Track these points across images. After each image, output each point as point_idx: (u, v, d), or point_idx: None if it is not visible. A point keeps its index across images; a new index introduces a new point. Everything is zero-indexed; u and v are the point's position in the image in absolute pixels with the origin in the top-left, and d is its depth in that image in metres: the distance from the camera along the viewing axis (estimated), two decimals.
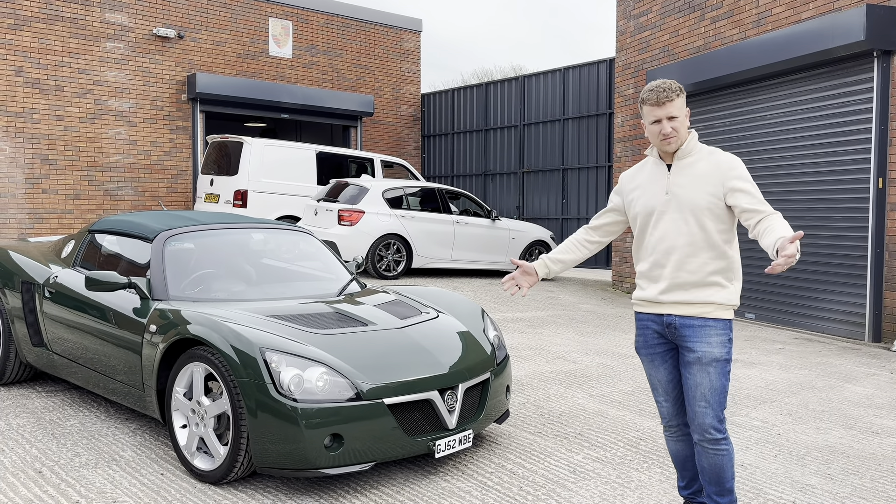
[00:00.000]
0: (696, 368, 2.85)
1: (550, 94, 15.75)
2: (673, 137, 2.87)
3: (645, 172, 3.04)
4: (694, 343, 2.85)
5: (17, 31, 12.75)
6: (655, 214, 2.93)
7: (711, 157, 2.90)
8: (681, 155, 2.92)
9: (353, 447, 3.46)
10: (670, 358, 2.98)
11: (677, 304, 2.90)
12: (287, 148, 13.06)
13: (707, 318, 2.85)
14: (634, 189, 3.03)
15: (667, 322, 2.92)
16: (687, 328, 2.87)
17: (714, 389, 2.83)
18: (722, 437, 2.87)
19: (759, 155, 9.48)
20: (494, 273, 12.90)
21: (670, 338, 2.94)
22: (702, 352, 2.83)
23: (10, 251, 5.33)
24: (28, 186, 12.92)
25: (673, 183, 2.92)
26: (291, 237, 5.22)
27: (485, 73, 39.34)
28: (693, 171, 2.89)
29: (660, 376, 3.02)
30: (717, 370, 2.83)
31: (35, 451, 3.95)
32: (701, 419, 2.86)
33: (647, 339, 3.02)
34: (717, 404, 2.84)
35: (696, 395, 2.85)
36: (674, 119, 2.86)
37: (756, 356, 7.10)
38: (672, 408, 3.03)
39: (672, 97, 2.85)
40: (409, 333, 4.03)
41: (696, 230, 2.86)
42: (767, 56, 8.94)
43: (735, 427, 4.75)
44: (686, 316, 2.88)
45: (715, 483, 2.93)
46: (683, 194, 2.88)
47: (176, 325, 3.81)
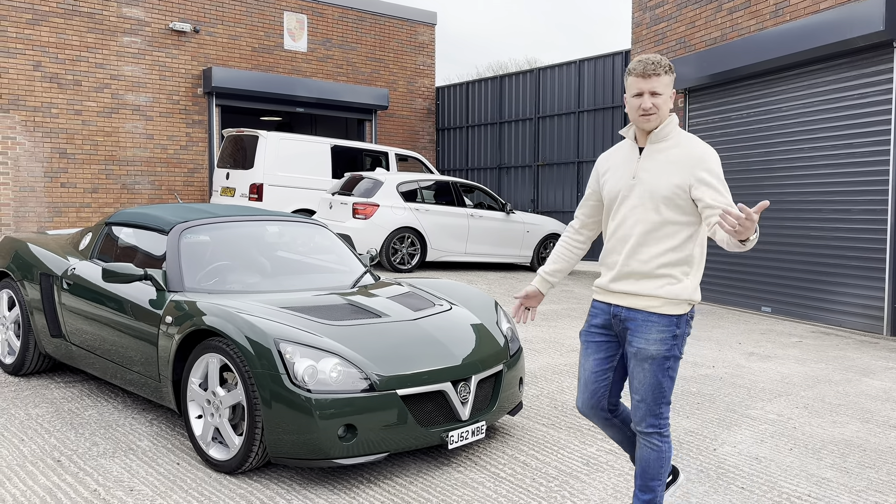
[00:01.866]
0: (633, 362, 2.77)
1: (565, 86, 15.68)
2: (652, 114, 2.70)
3: (619, 154, 2.89)
4: (633, 337, 2.76)
5: (36, 25, 12.87)
6: (619, 198, 2.80)
7: (685, 145, 2.74)
8: (655, 138, 2.76)
9: (367, 438, 3.47)
10: (603, 350, 2.88)
11: (624, 295, 2.78)
12: (302, 142, 13.10)
13: (651, 313, 2.72)
14: (607, 171, 2.90)
15: (613, 313, 2.82)
16: (630, 321, 2.77)
17: (647, 386, 2.73)
18: (654, 431, 2.78)
19: (776, 147, 9.39)
20: (509, 266, 12.89)
21: (616, 329, 2.83)
22: (637, 347, 2.74)
23: (29, 243, 5.40)
24: (47, 180, 13.06)
25: (641, 167, 2.77)
26: (306, 230, 5.24)
27: (499, 66, 39.23)
28: (663, 157, 2.73)
29: (587, 364, 2.92)
30: (653, 368, 2.71)
31: (54, 441, 4.00)
32: (634, 411, 2.81)
33: (589, 327, 2.92)
34: (652, 400, 2.75)
35: (632, 387, 2.80)
36: (657, 95, 2.70)
37: (772, 350, 7.05)
38: (588, 400, 2.92)
39: (659, 71, 2.69)
40: (423, 325, 4.04)
41: (654, 218, 2.71)
42: (785, 47, 8.85)
43: (750, 420, 4.73)
44: (632, 308, 2.76)
45: (640, 476, 2.86)
46: (648, 180, 2.73)
47: (191, 316, 3.84)
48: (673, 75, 2.74)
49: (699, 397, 5.26)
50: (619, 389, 2.95)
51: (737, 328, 8.26)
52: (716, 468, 3.90)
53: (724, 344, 7.27)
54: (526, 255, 12.42)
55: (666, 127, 2.75)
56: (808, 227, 8.96)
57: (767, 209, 9.50)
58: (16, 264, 5.26)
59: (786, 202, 9.26)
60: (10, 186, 12.61)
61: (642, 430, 2.80)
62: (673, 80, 2.75)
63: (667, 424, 2.80)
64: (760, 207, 2.36)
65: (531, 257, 12.47)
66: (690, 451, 4.16)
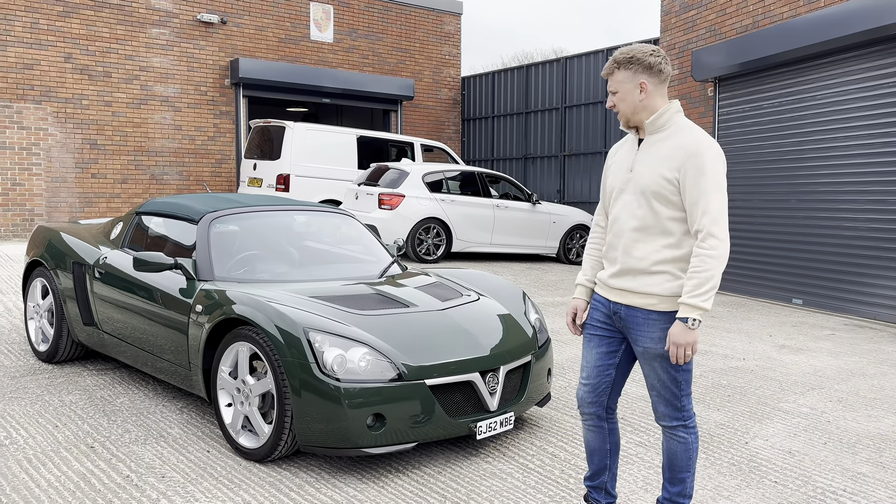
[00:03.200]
0: (642, 360, 2.73)
1: (593, 75, 15.53)
2: (618, 112, 2.71)
3: (624, 146, 2.83)
4: (637, 336, 2.70)
5: (67, 18, 13.02)
6: (615, 192, 2.75)
7: (680, 135, 2.62)
8: (650, 129, 2.68)
9: (395, 427, 3.47)
10: (605, 345, 2.81)
11: (622, 292, 2.71)
12: (328, 132, 13.13)
13: (651, 311, 2.64)
14: (612, 164, 2.85)
15: (613, 310, 2.76)
16: (631, 320, 2.70)
17: (662, 381, 2.69)
18: (678, 423, 2.73)
19: (810, 136, 9.22)
20: (535, 258, 12.83)
21: (618, 325, 2.77)
22: (643, 347, 2.68)
23: (61, 233, 5.47)
24: (78, 171, 13.24)
25: (637, 160, 2.70)
26: (334, 219, 5.25)
27: (525, 55, 39.00)
28: (657, 149, 2.65)
29: (589, 357, 2.85)
30: (665, 365, 2.66)
31: (87, 427, 4.06)
32: (654, 405, 2.77)
33: (591, 320, 2.85)
34: (671, 395, 2.70)
35: (648, 385, 2.75)
36: (614, 94, 2.69)
37: (804, 342, 6.94)
38: (588, 395, 2.85)
39: (612, 69, 2.68)
40: (451, 315, 4.02)
41: (647, 214, 2.63)
42: (820, 34, 8.66)
43: (783, 414, 4.65)
44: (630, 306, 2.70)
45: (668, 469, 2.81)
46: (641, 173, 2.66)
47: (221, 305, 3.87)
48: (632, 67, 2.64)
49: (730, 390, 5.19)
50: (619, 392, 2.88)
51: (767, 320, 8.15)
52: (748, 462, 3.85)
53: (754, 336, 7.17)
54: (552, 245, 12.36)
55: (661, 117, 2.66)
56: (841, 218, 8.79)
57: (799, 199, 9.33)
58: (49, 253, 5.33)
59: (819, 192, 9.09)
60: (42, 177, 12.81)
61: (667, 425, 2.76)
62: (635, 73, 2.64)
63: (691, 415, 2.75)
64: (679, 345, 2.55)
65: (557, 248, 12.40)
66: (721, 444, 4.10)
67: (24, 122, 12.65)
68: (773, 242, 9.77)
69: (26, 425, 4.05)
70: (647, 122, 2.67)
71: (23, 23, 12.62)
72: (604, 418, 2.88)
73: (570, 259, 12.46)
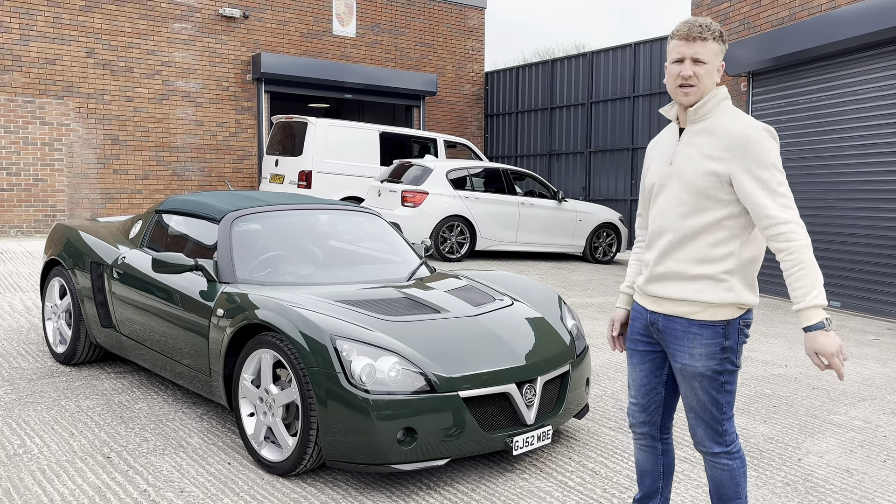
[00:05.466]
0: (680, 379, 2.44)
1: (620, 70, 15.21)
2: (692, 86, 2.33)
3: (664, 138, 2.55)
4: (675, 351, 2.41)
5: (89, 12, 12.94)
6: (656, 188, 2.47)
7: (726, 124, 2.33)
8: (694, 116, 2.38)
9: (427, 442, 3.26)
10: (650, 360, 2.54)
11: (659, 300, 2.44)
12: (351, 128, 12.95)
13: (692, 322, 2.36)
14: (650, 158, 2.57)
15: (650, 320, 2.48)
16: (669, 332, 2.41)
17: (702, 403, 2.40)
18: (720, 450, 2.45)
19: (850, 133, 8.87)
20: (560, 257, 12.57)
21: (656, 338, 2.50)
22: (682, 364, 2.40)
23: (80, 231, 5.32)
24: (100, 167, 13.17)
25: (678, 152, 2.41)
26: (359, 219, 5.04)
27: (547, 51, 38.59)
28: (702, 139, 2.36)
29: (635, 375, 2.59)
30: (705, 385, 2.37)
31: (104, 436, 3.89)
32: (692, 430, 2.49)
33: (632, 332, 2.58)
34: (711, 419, 2.41)
35: (686, 405, 2.47)
36: (699, 63, 2.32)
37: (847, 348, 6.63)
38: (640, 414, 2.60)
39: (706, 35, 2.32)
40: (484, 322, 3.80)
41: (690, 211, 2.35)
42: (862, 26, 8.31)
43: (835, 427, 4.38)
44: (670, 316, 2.41)
45: (716, 497, 2.54)
46: (684, 167, 2.37)
47: (244, 309, 3.68)
48: (724, 46, 2.36)
49: (775, 400, 4.93)
50: (673, 409, 2.62)
51: None
52: (803, 481, 3.59)
53: (794, 341, 6.88)
54: (578, 244, 12.09)
55: (707, 103, 2.36)
56: (882, 217, 8.44)
57: (837, 198, 8.99)
58: (67, 252, 5.18)
59: (858, 191, 8.75)
60: (64, 173, 12.76)
61: (708, 452, 2.47)
62: (723, 52, 2.37)
63: (734, 440, 2.47)
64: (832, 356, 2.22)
65: (583, 247, 12.12)
66: (773, 460, 3.85)
67: (47, 118, 12.60)
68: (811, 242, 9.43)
69: (41, 433, 3.89)
70: (694, 107, 2.37)
71: (45, 17, 12.56)
72: (658, 438, 2.64)
73: (596, 258, 12.18)
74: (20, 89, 12.38)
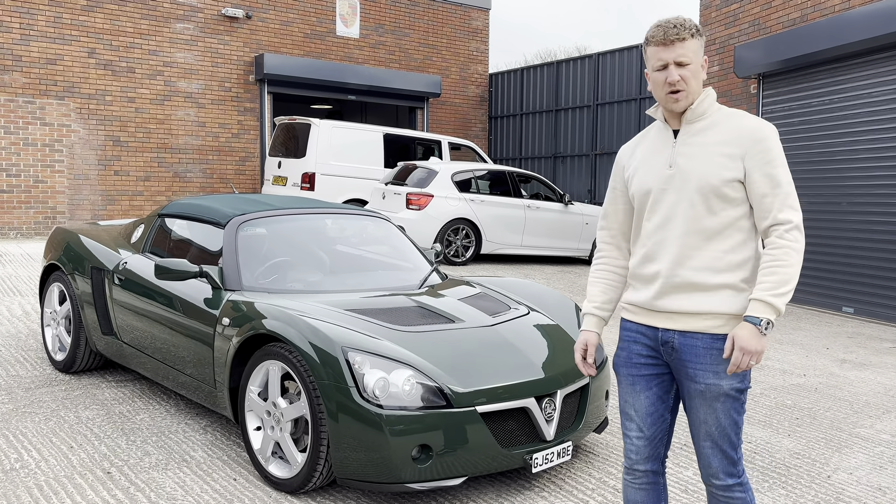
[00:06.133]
0: (698, 402, 2.21)
1: (626, 72, 15.06)
2: (682, 91, 2.18)
3: (647, 141, 2.36)
4: (697, 371, 2.20)
5: (90, 12, 12.80)
6: (654, 194, 2.27)
7: (732, 120, 2.22)
8: (691, 117, 2.24)
9: (443, 459, 3.11)
10: (656, 385, 2.31)
11: (676, 316, 2.22)
12: (355, 130, 12.80)
13: (716, 336, 2.17)
14: (634, 163, 2.37)
15: (663, 339, 2.25)
16: (688, 350, 2.21)
17: (722, 428, 2.20)
18: (735, 482, 2.23)
19: (863, 136, 8.72)
20: (566, 260, 12.42)
21: (666, 359, 2.28)
22: (706, 384, 2.18)
23: (80, 235, 5.17)
24: (100, 168, 13.03)
25: (679, 153, 2.23)
26: (368, 223, 4.89)
27: (548, 53, 38.49)
28: (706, 138, 2.21)
29: (638, 405, 2.33)
30: (727, 405, 2.19)
31: (104, 449, 3.74)
32: (706, 460, 2.25)
33: (630, 356, 2.33)
34: (728, 444, 2.21)
35: (700, 433, 2.24)
36: (684, 66, 2.17)
37: (865, 356, 6.48)
38: (645, 448, 2.34)
39: (684, 35, 2.17)
40: (501, 332, 3.65)
41: (703, 215, 2.19)
42: (876, 27, 8.16)
43: (862, 441, 4.23)
44: (688, 332, 2.21)
45: None
46: (691, 168, 2.20)
47: (250, 318, 3.53)
48: (702, 39, 2.21)
49: (796, 412, 4.77)
50: (671, 439, 2.40)
51: (820, 331, 7.68)
52: (835, 500, 3.44)
53: (810, 349, 6.72)
54: (584, 248, 11.94)
55: (702, 103, 2.23)
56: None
57: (850, 202, 8.84)
58: (67, 257, 5.03)
59: (872, 195, 8.60)
60: (65, 174, 12.60)
61: (720, 484, 2.24)
62: (702, 46, 2.21)
63: (744, 469, 2.27)
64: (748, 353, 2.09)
65: (590, 251, 11.97)
66: (801, 477, 3.69)
67: (47, 119, 12.45)
68: (822, 247, 9.29)
69: (39, 446, 3.74)
70: (692, 108, 2.22)
71: (46, 17, 12.42)
72: (660, 473, 2.39)
73: None
74: (20, 90, 12.24)
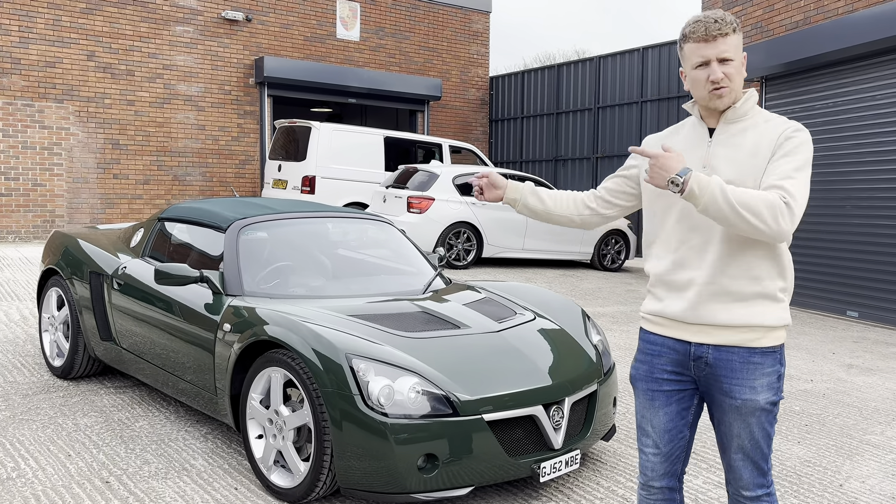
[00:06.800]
0: (732, 417, 2.13)
1: (627, 75, 15.02)
2: (725, 88, 2.08)
3: (680, 136, 2.26)
4: (733, 386, 2.10)
5: (90, 15, 12.75)
6: None
7: (771, 124, 2.12)
8: (731, 117, 2.14)
9: (449, 468, 3.04)
10: (676, 401, 2.22)
11: (711, 329, 2.11)
12: (355, 133, 12.75)
13: (753, 350, 2.08)
14: None
15: (695, 354, 2.14)
16: (724, 365, 2.11)
17: (755, 441, 2.13)
18: (764, 492, 2.17)
19: (868, 139, 8.67)
20: (568, 264, 12.36)
21: (695, 374, 2.17)
22: (741, 400, 2.09)
23: (79, 239, 5.10)
24: (100, 171, 12.96)
25: (714, 154, 2.14)
26: (371, 227, 4.83)
27: (548, 57, 38.49)
28: (744, 140, 2.11)
29: (656, 421, 2.24)
30: (762, 419, 2.11)
31: (103, 457, 3.67)
32: (738, 472, 2.18)
33: (653, 370, 2.23)
34: (760, 456, 2.15)
35: (732, 446, 2.17)
36: (727, 62, 2.08)
37: (872, 361, 6.42)
38: (661, 465, 2.26)
39: (726, 30, 2.07)
40: (507, 338, 3.59)
41: None
42: (880, 30, 8.12)
43: (873, 448, 4.16)
44: (724, 346, 2.10)
45: None
46: (727, 170, 2.10)
47: (252, 324, 3.46)
48: (741, 34, 2.10)
49: (806, 418, 4.71)
50: (689, 455, 2.33)
51: (825, 335, 7.62)
52: None
53: (816, 353, 6.66)
54: (586, 251, 11.88)
55: (745, 103, 2.14)
56: None
57: (854, 205, 8.79)
58: (65, 261, 4.96)
59: (876, 198, 8.54)
60: (63, 178, 12.54)
61: (750, 496, 2.17)
62: (742, 41, 2.12)
63: (772, 481, 2.21)
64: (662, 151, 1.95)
65: (591, 254, 11.91)
66: (813, 486, 3.63)
67: (46, 122, 12.39)
68: (827, 251, 9.23)
69: (36, 454, 3.67)
70: (733, 107, 2.12)
71: (45, 20, 12.36)
72: (677, 489, 2.32)
73: (605, 265, 11.97)
74: (19, 92, 12.18)
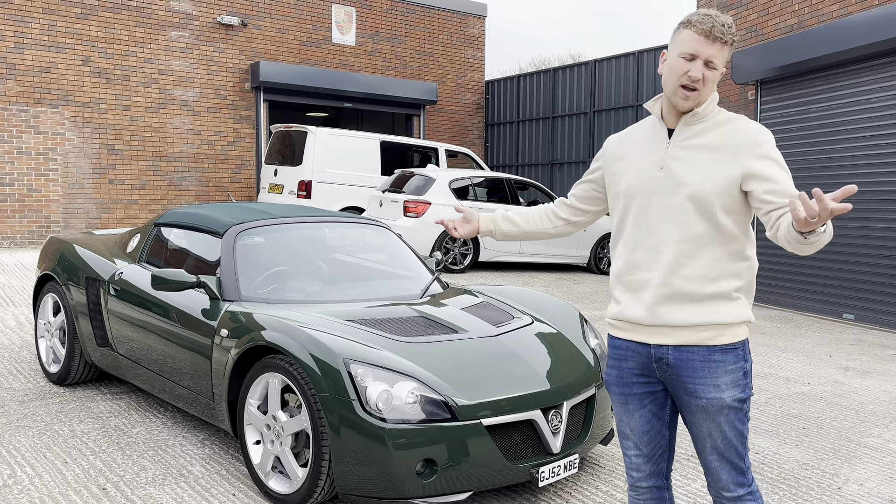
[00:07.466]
0: (701, 417, 2.13)
1: (623, 79, 15.05)
2: (696, 91, 2.08)
3: (637, 136, 2.24)
4: (697, 386, 2.10)
5: (85, 20, 12.73)
6: (642, 196, 2.15)
7: (730, 125, 2.12)
8: (690, 119, 2.13)
9: (448, 474, 3.04)
10: (650, 402, 2.22)
11: (668, 330, 2.12)
12: (351, 137, 12.75)
13: (713, 348, 2.09)
14: (621, 158, 2.24)
15: (656, 356, 2.15)
16: (685, 365, 2.11)
17: (728, 441, 2.13)
18: (745, 492, 2.16)
19: (863, 142, 8.70)
20: (564, 267, 12.36)
21: (660, 376, 2.18)
22: (706, 399, 2.10)
23: (74, 245, 5.09)
24: (95, 177, 12.94)
25: (672, 156, 2.12)
26: (369, 232, 4.83)
27: (542, 61, 38.53)
28: (702, 141, 2.11)
29: (633, 424, 2.25)
30: (731, 417, 2.11)
31: (100, 464, 3.65)
32: (716, 474, 2.17)
33: (622, 374, 2.24)
34: (736, 455, 2.14)
35: (706, 447, 2.16)
36: (711, 68, 2.08)
37: (869, 364, 6.43)
38: (645, 465, 2.27)
39: (727, 39, 2.08)
40: (505, 342, 3.59)
41: (696, 221, 2.08)
42: (875, 34, 8.15)
43: (871, 451, 4.17)
44: (683, 347, 2.11)
45: None
46: (684, 173, 2.09)
47: (249, 329, 3.45)
48: (733, 49, 2.14)
49: (803, 421, 4.71)
50: (674, 453, 2.33)
51: (821, 338, 7.63)
52: None
53: (812, 356, 6.67)
54: (583, 255, 11.89)
55: (706, 106, 2.13)
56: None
57: (852, 207, 8.81)
58: (61, 267, 4.95)
59: (872, 200, 8.57)
60: (59, 183, 12.52)
61: (731, 497, 2.16)
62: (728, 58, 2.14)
63: (754, 478, 2.20)
64: (845, 192, 1.70)
65: (588, 257, 11.92)
66: (812, 489, 3.63)
67: (41, 127, 12.37)
68: (822, 254, 9.25)
69: (32, 461, 3.65)
70: (696, 109, 2.12)
71: (40, 25, 12.34)
72: (665, 488, 2.32)
73: (601, 269, 11.98)
74: (14, 98, 12.15)
